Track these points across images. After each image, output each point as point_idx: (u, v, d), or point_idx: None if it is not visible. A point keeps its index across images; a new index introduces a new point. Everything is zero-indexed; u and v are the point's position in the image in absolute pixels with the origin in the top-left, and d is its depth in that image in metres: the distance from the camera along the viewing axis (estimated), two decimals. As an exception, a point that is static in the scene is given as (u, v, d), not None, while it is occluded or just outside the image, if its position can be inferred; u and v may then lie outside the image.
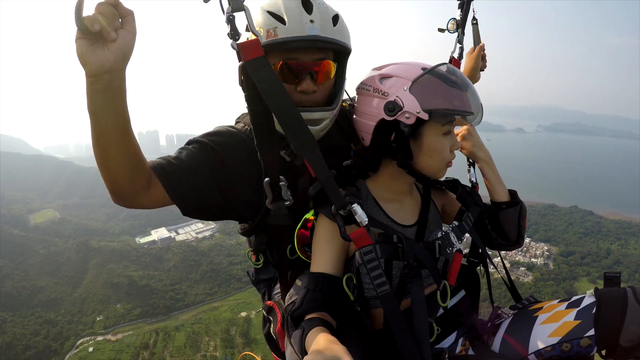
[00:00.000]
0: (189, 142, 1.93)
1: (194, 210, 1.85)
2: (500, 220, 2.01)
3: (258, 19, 1.70)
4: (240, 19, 1.45)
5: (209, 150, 1.86)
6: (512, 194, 2.05)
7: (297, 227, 1.83)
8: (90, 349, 68.40)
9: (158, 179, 1.70)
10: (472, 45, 2.74)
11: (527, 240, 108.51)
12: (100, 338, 72.53)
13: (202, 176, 1.79)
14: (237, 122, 2.13)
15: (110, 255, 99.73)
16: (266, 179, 1.73)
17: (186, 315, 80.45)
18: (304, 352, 1.40)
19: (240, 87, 1.60)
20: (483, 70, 2.80)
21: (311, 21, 1.66)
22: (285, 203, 1.78)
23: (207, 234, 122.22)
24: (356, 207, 1.52)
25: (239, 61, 1.49)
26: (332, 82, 1.87)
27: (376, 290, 1.50)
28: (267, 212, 1.84)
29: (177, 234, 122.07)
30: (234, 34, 1.43)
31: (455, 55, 2.51)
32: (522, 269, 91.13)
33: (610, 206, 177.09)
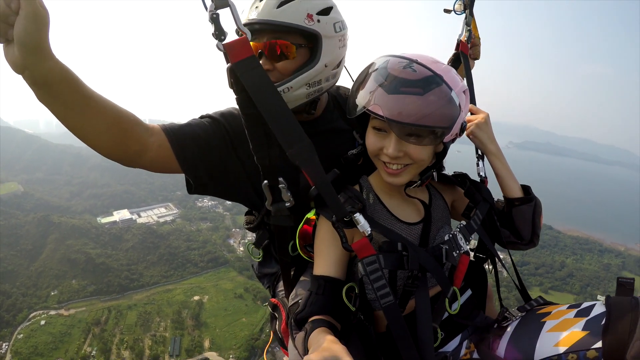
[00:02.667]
0: (202, 116, 1.97)
1: (199, 184, 1.88)
2: (514, 218, 1.89)
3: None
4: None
5: (222, 128, 1.90)
6: (526, 189, 1.94)
7: (299, 226, 1.82)
8: (42, 322, 70.25)
9: (167, 140, 1.71)
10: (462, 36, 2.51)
11: None
12: (53, 312, 74.38)
13: (213, 150, 1.84)
14: None
15: (70, 231, 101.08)
16: (265, 182, 1.69)
17: (140, 295, 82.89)
18: (306, 353, 1.36)
19: (232, 90, 1.50)
20: (477, 58, 2.68)
21: (256, 7, 1.76)
22: (286, 204, 1.74)
23: (168, 218, 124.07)
24: (358, 217, 1.47)
25: (227, 63, 1.40)
26: (297, 63, 1.86)
27: (379, 302, 1.43)
28: (268, 212, 1.83)
29: (139, 216, 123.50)
30: (219, 33, 1.32)
31: (463, 38, 2.42)
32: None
33: (570, 223, 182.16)
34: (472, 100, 2.28)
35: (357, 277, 1.58)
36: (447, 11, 2.43)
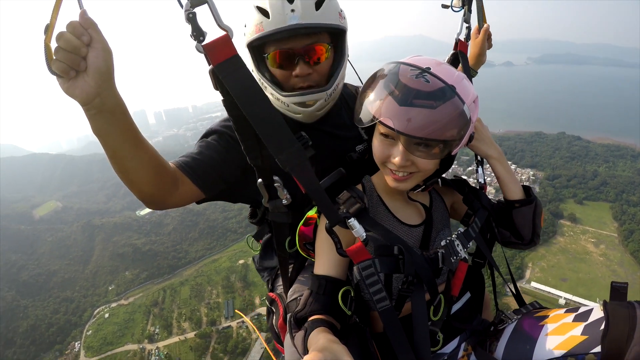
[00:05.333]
0: (207, 134, 1.99)
1: (221, 196, 1.99)
2: (514, 219, 1.87)
3: (249, 15, 1.79)
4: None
5: (228, 139, 1.92)
6: (527, 190, 1.92)
7: (299, 224, 1.78)
8: (106, 315, 75.17)
9: (187, 176, 1.75)
10: (476, 24, 2.45)
11: (512, 166, 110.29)
12: (114, 304, 79.08)
13: (227, 166, 1.86)
14: None
15: (113, 229, 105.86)
16: (259, 180, 1.71)
17: (189, 270, 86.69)
18: (305, 352, 1.35)
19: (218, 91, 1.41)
20: (489, 48, 2.59)
21: (292, 10, 1.69)
22: (283, 202, 1.75)
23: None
24: (352, 222, 1.44)
25: (208, 65, 1.28)
26: (329, 62, 1.89)
27: (375, 306, 1.43)
28: (267, 208, 1.85)
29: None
30: (197, 34, 1.22)
31: (462, 37, 2.31)
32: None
33: (599, 131, 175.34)
34: None
35: (354, 280, 1.57)
36: (445, 7, 2.33)
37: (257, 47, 1.82)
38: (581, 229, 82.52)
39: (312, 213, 1.76)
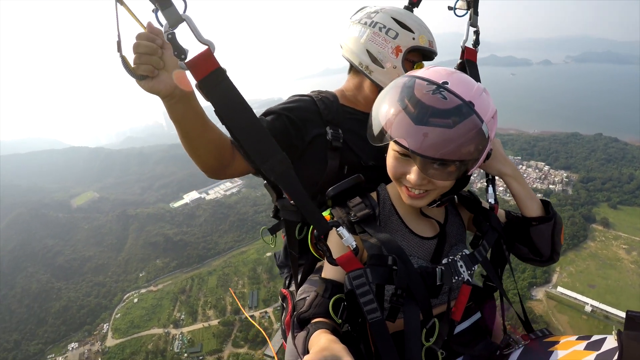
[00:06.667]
0: (265, 113, 2.05)
1: None
2: (532, 237, 1.79)
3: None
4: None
5: (285, 121, 1.99)
6: (546, 205, 1.82)
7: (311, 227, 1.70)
8: (135, 300, 76.28)
9: (238, 152, 1.85)
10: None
11: (546, 168, 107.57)
12: (143, 290, 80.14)
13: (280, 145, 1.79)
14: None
15: (147, 219, 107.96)
16: (265, 182, 1.77)
17: (217, 261, 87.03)
18: (306, 353, 1.34)
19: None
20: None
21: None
22: (291, 202, 1.65)
23: (234, 190, 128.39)
24: (342, 231, 1.42)
25: (195, 80, 1.29)
26: None
27: (366, 317, 1.38)
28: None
29: (207, 194, 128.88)
30: (178, 53, 1.25)
31: (469, 44, 2.22)
32: (539, 195, 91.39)
33: (638, 134, 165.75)
34: None
35: (345, 289, 1.51)
36: (450, 8, 2.25)
37: None
38: (614, 234, 78.43)
39: (326, 214, 1.73)
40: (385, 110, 1.47)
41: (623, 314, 1.29)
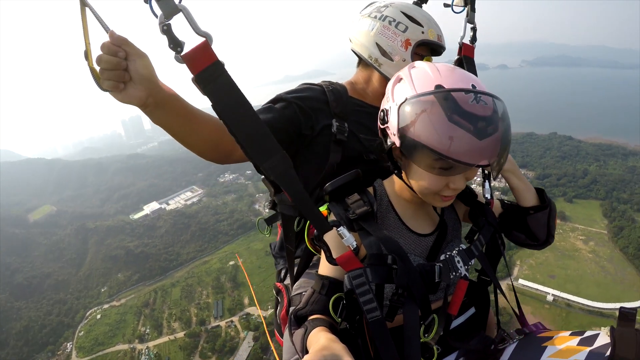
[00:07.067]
0: (275, 100, 2.01)
1: None
2: (529, 224, 1.83)
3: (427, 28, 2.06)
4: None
5: (295, 109, 1.96)
6: (540, 194, 1.86)
7: (307, 223, 1.70)
8: (98, 316, 75.91)
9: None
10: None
11: None
12: (106, 306, 79.73)
13: (279, 134, 1.75)
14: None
15: (107, 232, 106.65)
16: (262, 176, 1.60)
17: (180, 272, 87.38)
18: (305, 351, 1.32)
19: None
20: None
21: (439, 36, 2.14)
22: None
23: (195, 199, 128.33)
24: (342, 231, 1.40)
25: (192, 74, 1.20)
26: None
27: (366, 316, 1.36)
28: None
29: (168, 204, 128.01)
30: (174, 45, 1.17)
31: (467, 40, 2.21)
32: (497, 193, 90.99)
33: (591, 131, 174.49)
34: None
35: (344, 289, 1.48)
36: (446, 6, 2.32)
37: None
38: (570, 227, 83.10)
39: (323, 209, 1.70)
40: (436, 134, 1.30)
41: (584, 301, 1.75)
